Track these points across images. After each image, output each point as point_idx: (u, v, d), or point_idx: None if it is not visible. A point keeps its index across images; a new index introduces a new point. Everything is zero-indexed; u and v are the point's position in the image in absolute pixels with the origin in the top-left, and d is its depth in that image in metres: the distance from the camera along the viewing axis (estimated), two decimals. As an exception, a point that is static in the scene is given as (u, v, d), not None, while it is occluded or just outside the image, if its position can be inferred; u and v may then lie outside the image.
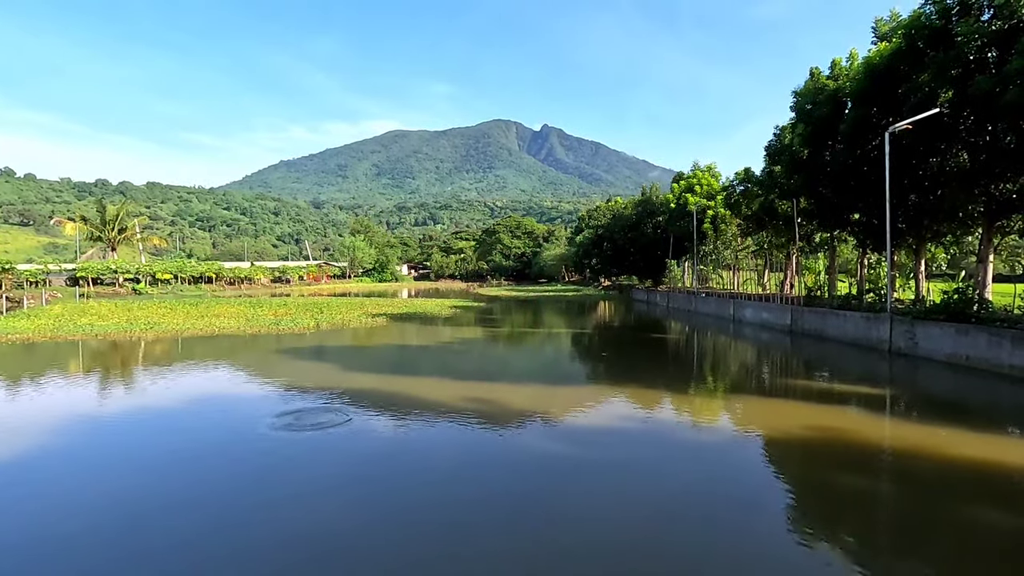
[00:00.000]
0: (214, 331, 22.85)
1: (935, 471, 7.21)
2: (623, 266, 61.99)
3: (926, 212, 19.14)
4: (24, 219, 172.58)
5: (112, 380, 13.22)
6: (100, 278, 61.08)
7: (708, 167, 49.13)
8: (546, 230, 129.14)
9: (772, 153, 27.61)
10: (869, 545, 5.33)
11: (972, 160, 16.87)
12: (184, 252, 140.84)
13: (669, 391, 12.37)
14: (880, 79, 18.56)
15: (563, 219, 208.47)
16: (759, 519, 5.75)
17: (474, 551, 5.02)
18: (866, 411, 10.64)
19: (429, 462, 7.34)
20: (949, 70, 16.03)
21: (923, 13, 17.15)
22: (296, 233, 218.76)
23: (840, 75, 22.44)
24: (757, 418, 9.87)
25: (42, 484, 6.60)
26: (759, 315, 27.04)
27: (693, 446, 8.31)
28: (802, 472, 7.38)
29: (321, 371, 14.26)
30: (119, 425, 9.17)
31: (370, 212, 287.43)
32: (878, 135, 18.99)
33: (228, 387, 12.33)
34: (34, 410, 10.26)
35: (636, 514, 5.82)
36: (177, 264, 71.51)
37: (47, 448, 7.91)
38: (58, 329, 22.52)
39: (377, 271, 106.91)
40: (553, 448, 7.98)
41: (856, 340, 18.81)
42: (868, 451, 8.03)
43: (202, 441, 8.28)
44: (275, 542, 5.12)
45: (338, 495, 6.27)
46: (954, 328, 14.84)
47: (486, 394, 11.47)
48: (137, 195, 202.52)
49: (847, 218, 23.02)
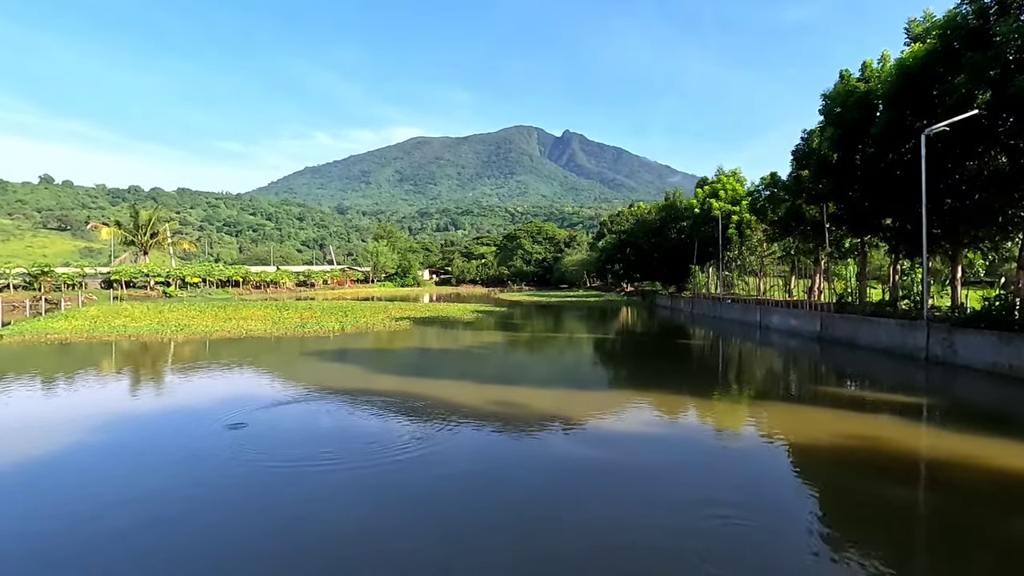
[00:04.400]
0: (242, 333, 23.30)
1: (976, 483, 6.93)
2: (646, 272, 61.45)
3: (963, 217, 18.52)
4: (62, 224, 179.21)
5: (143, 379, 13.57)
6: (133, 281, 62.98)
7: (733, 172, 48.44)
8: (567, 235, 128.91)
9: (800, 157, 27.10)
10: (903, 561, 5.13)
11: (1012, 163, 16.31)
12: (212, 256, 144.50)
13: (694, 397, 12.16)
14: (914, 81, 18.07)
15: (584, 225, 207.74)
16: (786, 528, 5.59)
17: (493, 553, 4.98)
18: (903, 420, 10.29)
19: (446, 466, 7.31)
20: (987, 71, 15.52)
21: (959, 13, 16.68)
22: (320, 238, 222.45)
23: (871, 77, 21.93)
24: (785, 426, 9.62)
25: (77, 479, 6.79)
26: (787, 322, 26.48)
27: (718, 454, 8.14)
28: (833, 482, 7.13)
29: (345, 373, 14.40)
30: (158, 422, 9.40)
31: (392, 218, 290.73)
32: (911, 138, 18.48)
33: (253, 387, 12.52)
34: (66, 406, 10.60)
35: (660, 520, 5.71)
36: (205, 268, 73.34)
37: (85, 444, 8.14)
38: (93, 330, 23.25)
39: (399, 276, 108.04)
40: (575, 452, 7.89)
41: (890, 348, 18.25)
42: (904, 461, 7.77)
43: (220, 437, 8.42)
44: (272, 543, 5.17)
45: (356, 495, 6.31)
46: (996, 336, 14.30)
47: (508, 398, 11.43)
48: (168, 201, 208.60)
49: (879, 223, 22.41)
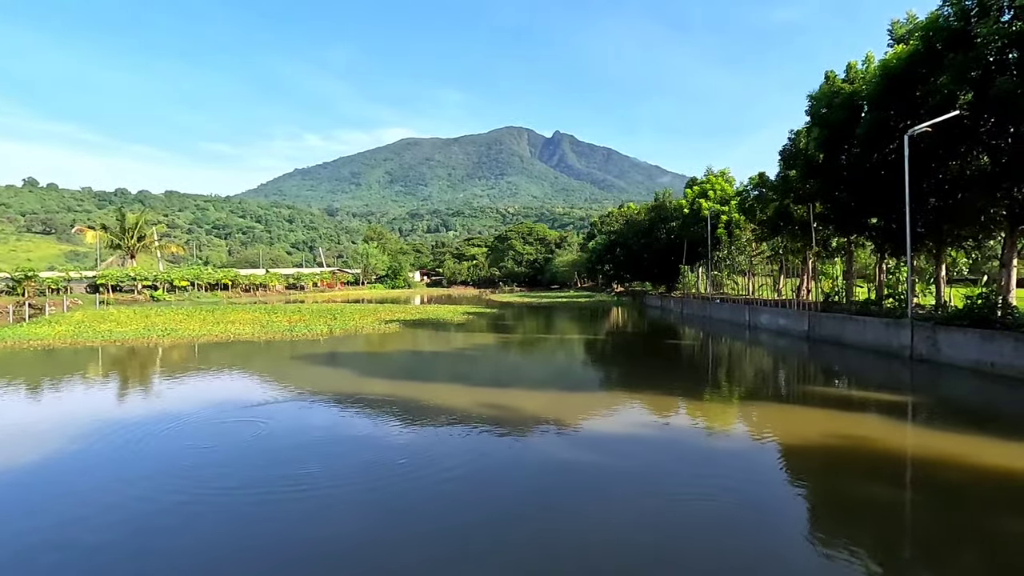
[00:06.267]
0: (230, 337, 23.09)
1: (960, 480, 7.01)
2: (636, 272, 61.76)
3: (946, 216, 18.80)
4: (47, 228, 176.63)
5: (129, 385, 13.40)
6: (119, 285, 62.16)
7: (722, 172, 48.80)
8: (558, 236, 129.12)
9: (787, 157, 27.36)
10: (890, 556, 5.18)
11: (994, 163, 16.57)
12: (201, 259, 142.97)
13: (684, 398, 12.20)
14: (897, 82, 18.32)
15: (575, 225, 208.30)
16: (776, 528, 5.63)
17: (487, 555, 4.98)
18: (888, 418, 10.40)
19: (441, 469, 7.28)
20: (969, 72, 15.77)
21: (941, 15, 16.93)
22: (310, 240, 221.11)
23: (856, 78, 22.19)
24: (774, 425, 9.70)
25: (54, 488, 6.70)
26: (775, 321, 26.69)
27: (708, 454, 8.17)
28: (821, 480, 7.20)
29: (335, 377, 14.31)
30: (141, 428, 9.28)
31: (383, 219, 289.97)
32: (895, 138, 18.72)
33: (241, 392, 12.41)
34: (49, 414, 10.44)
35: (652, 519, 5.73)
36: (194, 271, 72.55)
37: (64, 452, 8.03)
38: (78, 335, 22.92)
39: (390, 278, 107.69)
40: (568, 455, 7.89)
41: (876, 346, 18.46)
42: (890, 459, 7.85)
43: (217, 441, 8.34)
44: (262, 545, 5.14)
45: (348, 496, 6.27)
46: (979, 334, 14.50)
47: (499, 400, 11.41)
48: (156, 204, 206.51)
49: (864, 222, 22.68)
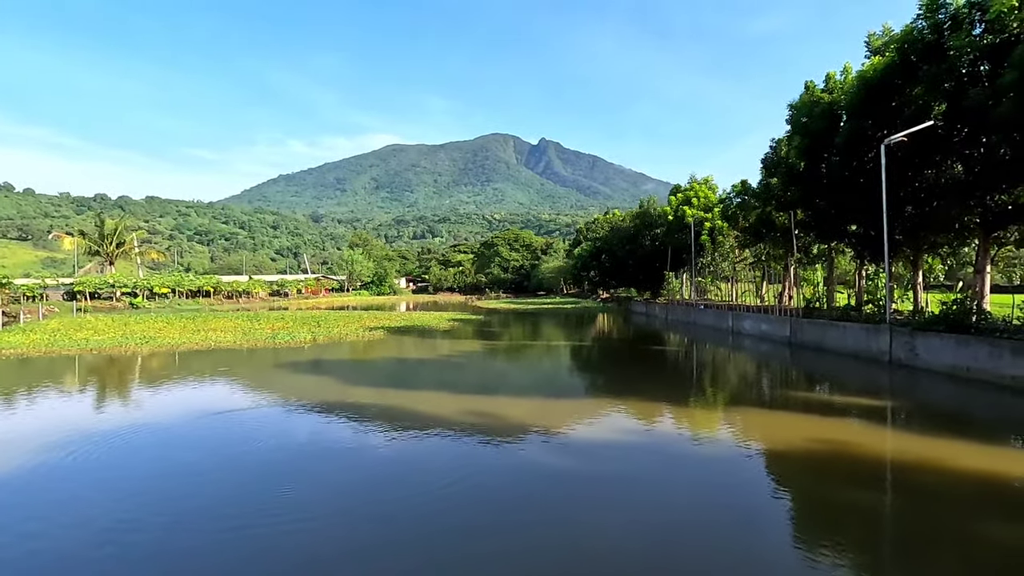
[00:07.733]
0: (210, 345, 22.70)
1: (938, 484, 7.12)
2: (621, 278, 62.03)
3: (922, 223, 19.20)
4: (22, 234, 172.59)
5: (105, 395, 13.08)
6: (97, 292, 60.83)
7: (705, 180, 49.32)
8: (544, 243, 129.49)
9: (769, 166, 27.77)
10: (872, 558, 5.23)
11: (967, 172, 16.97)
12: (182, 266, 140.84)
13: (669, 404, 12.26)
14: (874, 92, 18.72)
15: (561, 232, 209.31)
16: (760, 532, 5.67)
17: (475, 561, 4.92)
18: (868, 423, 10.55)
19: (427, 476, 7.22)
20: (942, 83, 16.19)
21: (915, 28, 17.35)
22: (295, 247, 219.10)
23: (835, 88, 22.62)
24: (758, 431, 9.78)
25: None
26: (758, 327, 26.99)
27: (693, 459, 8.21)
28: (804, 485, 7.27)
29: (318, 385, 14.13)
30: (116, 439, 9.06)
31: (368, 226, 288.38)
32: (873, 147, 19.10)
33: (222, 402, 12.18)
34: (23, 425, 10.14)
35: (637, 528, 5.73)
36: (175, 278, 71.32)
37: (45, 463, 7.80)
38: (53, 344, 22.34)
39: (375, 284, 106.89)
40: (553, 462, 7.87)
41: (856, 351, 18.75)
42: (870, 464, 7.95)
43: (204, 453, 8.17)
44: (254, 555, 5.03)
45: (332, 506, 6.18)
46: (954, 339, 14.80)
47: (486, 407, 11.36)
48: (136, 209, 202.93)
49: (844, 229, 23.09)
